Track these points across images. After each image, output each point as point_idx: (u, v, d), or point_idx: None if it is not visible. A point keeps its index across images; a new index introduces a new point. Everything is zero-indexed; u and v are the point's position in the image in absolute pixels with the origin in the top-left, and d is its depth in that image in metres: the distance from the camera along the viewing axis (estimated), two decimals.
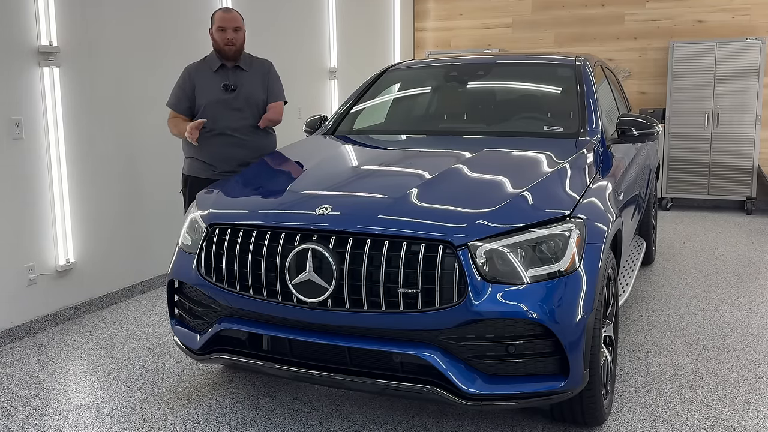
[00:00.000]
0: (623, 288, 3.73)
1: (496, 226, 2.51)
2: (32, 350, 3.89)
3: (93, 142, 4.47)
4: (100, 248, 4.58)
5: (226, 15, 4.00)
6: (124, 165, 4.72)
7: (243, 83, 4.03)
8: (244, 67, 4.06)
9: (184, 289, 3.00)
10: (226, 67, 4.03)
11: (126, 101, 4.69)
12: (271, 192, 3.07)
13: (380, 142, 3.91)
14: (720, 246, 6.12)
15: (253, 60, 4.17)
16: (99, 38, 4.50)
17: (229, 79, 4.00)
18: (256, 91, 4.06)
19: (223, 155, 3.97)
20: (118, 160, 4.67)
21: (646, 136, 3.63)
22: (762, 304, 4.49)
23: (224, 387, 3.36)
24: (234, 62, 4.03)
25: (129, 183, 4.77)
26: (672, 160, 7.90)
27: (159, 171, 4.96)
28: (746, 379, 3.36)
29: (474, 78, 4.35)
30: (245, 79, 4.05)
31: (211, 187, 3.31)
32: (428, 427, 2.94)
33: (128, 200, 4.78)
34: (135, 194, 4.82)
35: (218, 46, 4.00)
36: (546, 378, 2.47)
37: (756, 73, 7.42)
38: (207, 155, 3.99)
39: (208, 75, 4.01)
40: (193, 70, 4.05)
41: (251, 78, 4.07)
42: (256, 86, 4.07)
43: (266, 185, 3.25)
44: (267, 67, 4.18)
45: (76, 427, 3.00)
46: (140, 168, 4.85)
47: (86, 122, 4.42)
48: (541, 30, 8.62)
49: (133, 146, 4.78)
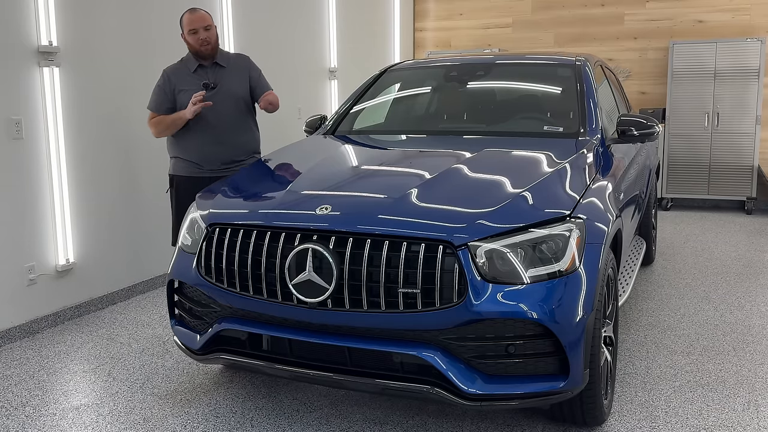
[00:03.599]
0: (623, 288, 3.72)
1: (496, 226, 2.51)
2: (32, 350, 3.89)
3: (93, 142, 4.47)
4: (100, 248, 4.58)
5: (194, 16, 3.99)
6: (124, 165, 4.72)
7: (223, 80, 4.05)
8: (222, 63, 4.09)
9: (184, 289, 3.00)
10: (204, 66, 4.06)
11: (126, 101, 4.69)
12: (271, 192, 3.07)
13: (380, 142, 3.91)
14: (720, 246, 6.12)
15: (230, 56, 4.20)
16: (99, 38, 4.50)
17: (209, 77, 4.02)
18: (236, 86, 4.09)
19: (207, 153, 4.02)
20: (118, 160, 4.67)
21: (646, 136, 3.63)
22: (762, 304, 4.49)
23: (224, 387, 3.36)
24: (212, 60, 4.06)
25: (129, 183, 4.77)
26: (672, 160, 7.90)
27: (159, 171, 4.95)
28: (746, 379, 3.36)
29: (474, 78, 4.35)
30: (225, 75, 4.07)
31: (211, 187, 3.31)
32: (428, 427, 2.94)
33: (128, 200, 4.78)
34: (135, 194, 4.82)
35: (194, 49, 4.01)
36: (546, 378, 2.47)
37: (756, 73, 7.42)
38: (192, 154, 4.04)
39: (187, 75, 4.03)
40: (172, 73, 4.06)
41: (231, 74, 4.09)
42: (237, 82, 4.10)
43: (266, 185, 3.25)
44: (246, 61, 4.20)
45: (76, 427, 3.00)
46: (140, 168, 4.85)
47: (86, 122, 4.42)
48: (541, 30, 8.62)
49: (133, 146, 4.78)
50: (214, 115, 3.99)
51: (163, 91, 4.02)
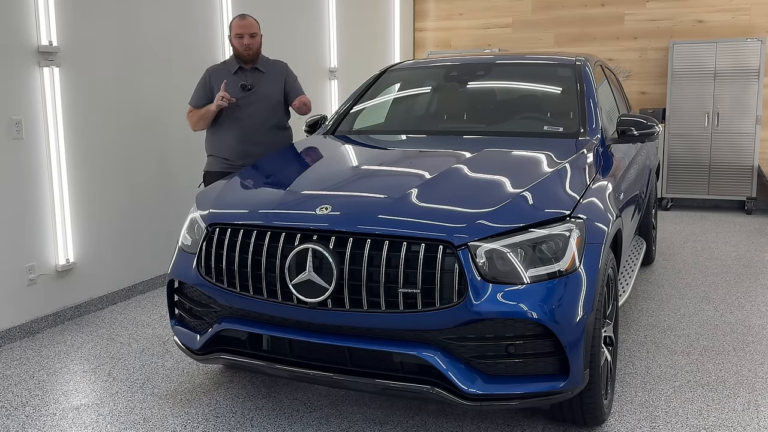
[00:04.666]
0: (623, 288, 3.72)
1: (496, 226, 2.51)
2: (32, 350, 3.89)
3: (93, 142, 4.47)
4: (100, 248, 4.58)
5: (242, 22, 4.27)
6: (124, 165, 4.72)
7: (260, 83, 4.30)
8: (261, 68, 4.34)
9: (184, 289, 3.00)
10: (244, 69, 4.29)
11: (126, 101, 4.69)
12: (271, 192, 3.08)
13: (380, 142, 3.91)
14: (720, 246, 6.12)
15: (270, 62, 4.44)
16: (99, 38, 4.50)
17: (247, 80, 4.27)
18: (273, 90, 4.34)
19: (241, 151, 4.23)
20: (118, 159, 4.67)
21: (646, 136, 3.63)
22: (762, 304, 4.49)
23: (224, 387, 3.36)
24: (252, 64, 4.31)
25: (129, 183, 4.77)
26: (672, 160, 7.90)
27: (159, 171, 4.96)
28: (746, 379, 3.36)
29: (474, 78, 4.35)
30: (263, 79, 4.33)
31: (211, 186, 3.31)
32: (428, 427, 2.94)
33: (128, 200, 4.77)
34: (135, 194, 4.82)
35: (237, 52, 4.29)
36: (546, 378, 2.47)
37: (756, 73, 7.42)
38: (224, 151, 4.28)
39: (227, 76, 4.25)
40: (213, 72, 4.34)
41: (269, 79, 4.35)
42: (274, 86, 4.35)
43: (266, 185, 3.25)
44: (284, 67, 4.48)
45: (76, 427, 3.00)
46: (140, 168, 4.84)
47: (86, 122, 4.41)
48: (541, 30, 8.62)
49: (133, 146, 4.78)
50: (248, 116, 4.26)
51: (203, 88, 4.29)
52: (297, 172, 3.30)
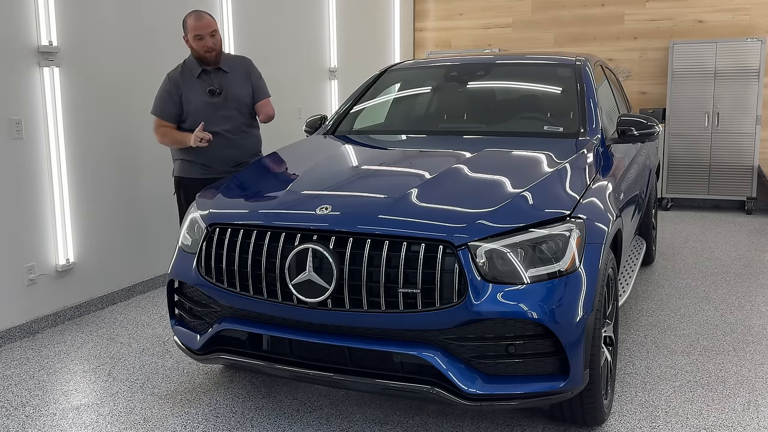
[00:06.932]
0: (623, 288, 3.72)
1: (496, 226, 2.51)
2: (32, 350, 3.89)
3: (93, 142, 4.47)
4: (100, 248, 4.58)
5: (200, 23, 3.92)
6: (124, 165, 4.72)
7: (228, 85, 4.04)
8: (225, 68, 4.06)
9: (184, 289, 3.00)
10: (207, 71, 4.02)
11: (126, 101, 4.69)
12: (271, 192, 3.07)
13: (380, 142, 3.91)
14: (720, 246, 6.12)
15: (231, 58, 4.18)
16: (99, 38, 4.50)
17: (213, 83, 4.00)
18: (240, 90, 4.08)
19: (217, 156, 4.01)
20: (118, 160, 4.67)
21: (646, 136, 3.63)
22: (762, 304, 4.49)
23: (224, 387, 3.36)
24: (215, 65, 4.03)
25: (129, 183, 4.77)
26: (672, 160, 7.90)
27: (159, 171, 4.95)
28: (746, 379, 3.36)
29: (474, 78, 4.35)
30: (229, 80, 4.05)
31: (211, 187, 3.31)
32: (428, 427, 2.94)
33: (128, 200, 4.78)
34: (135, 194, 4.82)
35: (199, 54, 3.97)
36: (546, 378, 2.47)
37: (756, 73, 7.42)
38: (202, 157, 4.00)
39: (191, 81, 4.00)
40: (178, 78, 4.01)
41: (234, 78, 4.07)
42: (240, 86, 4.09)
43: (266, 185, 3.25)
44: (247, 64, 4.18)
45: (76, 427, 3.00)
46: (140, 168, 4.85)
47: (86, 122, 4.42)
48: (541, 30, 8.62)
49: (133, 146, 4.78)
50: (223, 121, 4.00)
51: (170, 97, 3.98)
52: (297, 172, 3.30)
